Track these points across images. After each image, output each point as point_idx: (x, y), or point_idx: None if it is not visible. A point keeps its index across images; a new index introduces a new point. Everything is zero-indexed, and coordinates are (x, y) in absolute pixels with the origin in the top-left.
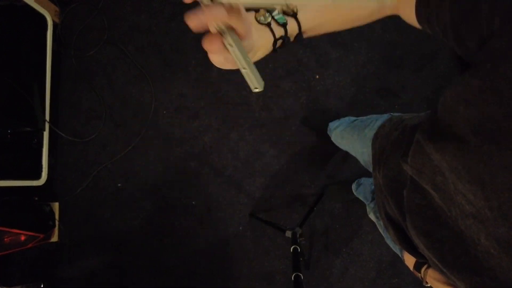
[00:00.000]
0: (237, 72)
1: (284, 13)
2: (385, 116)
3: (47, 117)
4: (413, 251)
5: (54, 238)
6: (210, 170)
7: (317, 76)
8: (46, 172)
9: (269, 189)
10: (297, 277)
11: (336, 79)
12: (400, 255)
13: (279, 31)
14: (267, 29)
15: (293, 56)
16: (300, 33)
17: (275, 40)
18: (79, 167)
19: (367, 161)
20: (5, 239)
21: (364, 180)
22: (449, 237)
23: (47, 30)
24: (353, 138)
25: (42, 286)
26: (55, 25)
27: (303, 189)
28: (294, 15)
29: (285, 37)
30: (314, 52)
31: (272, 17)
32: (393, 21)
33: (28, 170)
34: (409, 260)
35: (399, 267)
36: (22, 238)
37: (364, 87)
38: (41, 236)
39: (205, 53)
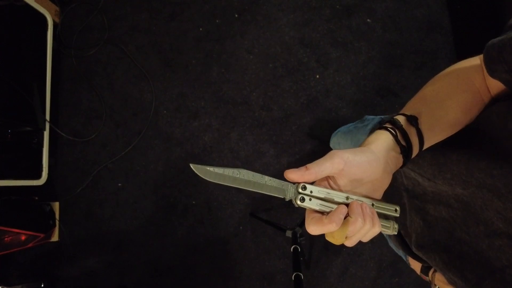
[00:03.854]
0: (237, 72)
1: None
2: (376, 119)
3: (47, 117)
4: (417, 257)
5: (55, 238)
6: None
7: (317, 76)
8: (47, 172)
9: None
10: (297, 276)
11: (337, 79)
12: (404, 259)
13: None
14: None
15: (293, 55)
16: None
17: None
18: (79, 166)
19: None
20: (5, 238)
21: None
22: (470, 254)
23: (47, 30)
24: (347, 144)
25: (42, 285)
26: (55, 25)
27: None
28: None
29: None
30: (315, 51)
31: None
32: (393, 21)
33: (28, 169)
34: (415, 264)
35: (399, 266)
36: (23, 237)
37: (364, 87)
38: (41, 235)
39: (205, 53)
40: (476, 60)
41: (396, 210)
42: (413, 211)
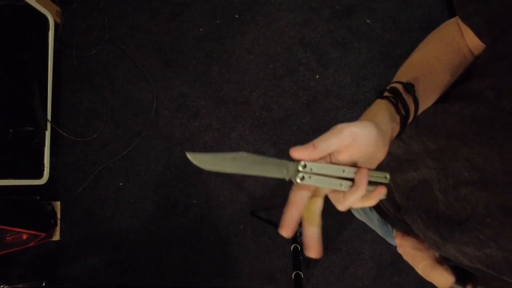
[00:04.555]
0: (237, 72)
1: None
2: None
3: (49, 117)
4: (400, 223)
5: (56, 237)
6: None
7: (317, 76)
8: (48, 171)
9: (269, 188)
10: (297, 275)
11: (336, 79)
12: (383, 235)
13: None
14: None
15: (293, 55)
16: (416, 102)
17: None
18: (80, 166)
19: None
20: (7, 237)
21: None
22: (443, 210)
23: (49, 30)
24: None
25: (43, 284)
26: (56, 25)
27: None
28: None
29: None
30: (314, 51)
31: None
32: (393, 21)
33: (29, 169)
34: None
35: (399, 265)
36: (24, 236)
37: (364, 87)
38: (43, 235)
39: (205, 53)
40: (456, 23)
41: (386, 177)
42: (399, 185)
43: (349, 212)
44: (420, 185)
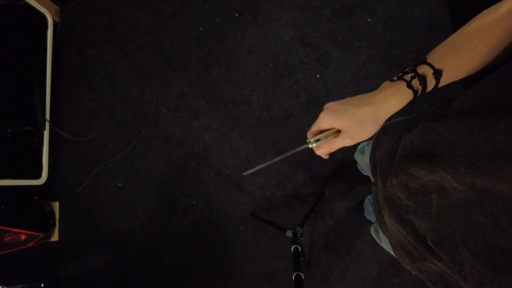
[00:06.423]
0: (237, 71)
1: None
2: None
3: (48, 116)
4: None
5: (55, 238)
6: (210, 169)
7: (318, 75)
8: (47, 172)
9: (269, 188)
10: (297, 276)
11: (337, 78)
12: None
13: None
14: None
15: (293, 55)
16: (436, 71)
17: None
18: (80, 166)
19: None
20: (6, 238)
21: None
22: (493, 237)
23: (48, 29)
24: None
25: (42, 285)
26: (55, 24)
27: (303, 188)
28: (423, 60)
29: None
30: (315, 51)
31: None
32: (393, 20)
33: (28, 169)
34: None
35: (400, 266)
36: (23, 237)
37: (365, 86)
38: (42, 235)
39: (205, 52)
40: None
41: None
42: (419, 210)
43: (351, 214)
44: (452, 209)
